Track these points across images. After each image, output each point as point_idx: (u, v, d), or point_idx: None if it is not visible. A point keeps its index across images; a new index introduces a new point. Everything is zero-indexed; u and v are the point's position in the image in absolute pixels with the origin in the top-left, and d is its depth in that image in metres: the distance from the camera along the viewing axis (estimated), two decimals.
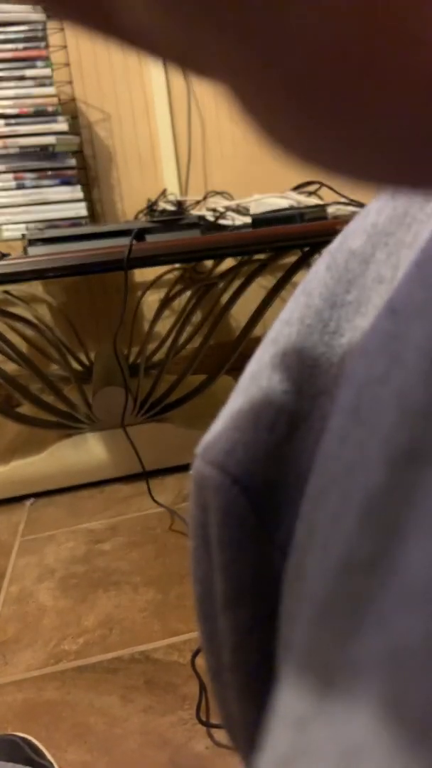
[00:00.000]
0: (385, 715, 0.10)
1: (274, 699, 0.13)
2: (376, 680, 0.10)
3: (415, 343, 0.13)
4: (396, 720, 0.09)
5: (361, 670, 0.10)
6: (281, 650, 0.15)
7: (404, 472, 0.12)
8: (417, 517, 0.11)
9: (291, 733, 0.11)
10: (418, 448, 0.12)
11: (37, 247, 0.83)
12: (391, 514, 0.11)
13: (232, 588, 0.19)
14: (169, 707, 0.63)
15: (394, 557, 0.11)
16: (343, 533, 0.12)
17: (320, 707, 0.11)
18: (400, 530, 0.11)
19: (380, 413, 0.13)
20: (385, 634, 0.10)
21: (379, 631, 0.10)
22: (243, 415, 0.19)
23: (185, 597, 0.80)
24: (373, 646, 0.10)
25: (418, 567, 0.10)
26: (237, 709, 0.21)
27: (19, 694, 0.67)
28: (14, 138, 1.17)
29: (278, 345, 0.20)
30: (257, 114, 0.07)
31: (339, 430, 0.15)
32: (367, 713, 0.10)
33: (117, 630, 0.75)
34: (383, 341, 0.14)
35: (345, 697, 0.10)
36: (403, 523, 0.11)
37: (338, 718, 0.10)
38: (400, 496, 0.11)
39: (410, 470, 0.12)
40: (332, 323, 0.19)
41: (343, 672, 0.11)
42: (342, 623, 0.11)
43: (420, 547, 0.11)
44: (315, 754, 0.11)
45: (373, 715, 0.10)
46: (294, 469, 0.18)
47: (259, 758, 0.12)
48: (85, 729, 0.62)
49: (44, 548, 0.96)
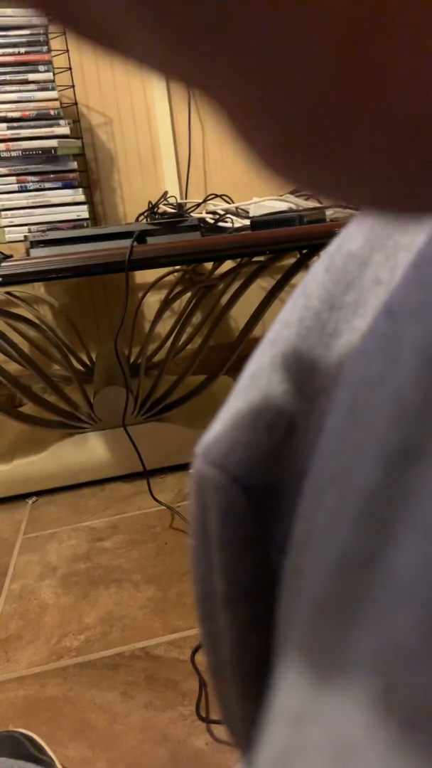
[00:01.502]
0: (378, 711, 0.10)
1: (272, 696, 0.13)
2: (370, 677, 0.10)
3: (412, 344, 0.13)
4: (389, 716, 0.10)
5: (355, 668, 0.11)
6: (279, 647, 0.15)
7: (399, 472, 0.12)
8: (411, 517, 0.11)
9: (288, 729, 0.12)
10: (413, 448, 0.12)
11: (40, 249, 0.84)
12: (386, 514, 0.12)
13: (232, 587, 0.19)
14: (169, 703, 0.64)
15: (389, 557, 0.11)
16: (339, 533, 0.13)
17: (316, 704, 0.11)
18: (394, 530, 0.11)
19: (376, 414, 0.13)
20: (378, 632, 0.11)
21: (373, 629, 0.11)
22: (242, 415, 0.19)
23: (185, 594, 0.80)
24: (367, 644, 0.11)
25: (411, 566, 0.11)
26: (237, 706, 0.21)
27: (20, 691, 0.68)
28: (17, 141, 1.18)
29: (277, 346, 0.20)
30: (249, 141, 0.07)
31: (336, 431, 0.15)
32: (362, 710, 0.10)
33: (118, 627, 0.76)
34: (380, 342, 0.14)
35: (340, 694, 0.11)
36: (397, 523, 0.11)
37: (333, 714, 0.11)
38: (395, 496, 0.12)
39: (405, 470, 0.12)
40: (331, 325, 0.19)
41: (339, 669, 0.11)
42: (338, 621, 0.12)
43: (413, 547, 0.11)
44: (311, 750, 0.11)
45: (367, 712, 0.10)
46: (293, 469, 0.18)
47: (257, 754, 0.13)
48: (86, 725, 0.63)
49: (46, 546, 0.97)
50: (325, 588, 0.12)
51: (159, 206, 1.24)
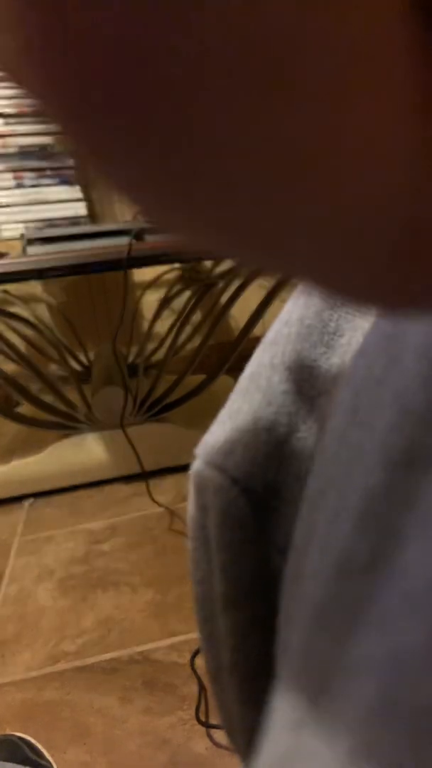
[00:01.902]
0: (382, 717, 0.10)
1: (272, 700, 0.13)
2: (374, 683, 0.10)
3: (414, 344, 0.13)
4: (393, 723, 0.09)
5: (358, 673, 0.10)
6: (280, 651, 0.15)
7: (402, 473, 0.12)
8: (415, 518, 0.11)
9: (288, 735, 0.11)
10: (415, 449, 0.12)
11: (36, 247, 0.83)
12: (389, 515, 0.11)
13: (232, 589, 0.19)
14: (168, 708, 0.63)
15: (393, 559, 0.11)
16: (341, 535, 0.12)
17: (317, 710, 0.11)
18: (397, 532, 0.11)
19: (378, 414, 0.13)
20: (384, 636, 0.10)
21: (379, 634, 0.10)
22: (242, 415, 0.19)
23: (184, 597, 0.80)
24: (372, 649, 0.10)
25: (417, 569, 0.10)
26: (236, 710, 0.21)
27: (18, 695, 0.67)
28: (13, 137, 1.17)
29: (277, 345, 0.20)
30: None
31: (337, 431, 0.15)
32: (365, 716, 0.10)
33: (116, 630, 0.75)
34: (382, 342, 0.14)
35: (342, 700, 0.10)
36: (400, 525, 0.11)
37: (335, 720, 0.10)
38: (398, 498, 0.11)
39: (408, 472, 0.12)
40: (332, 323, 0.19)
41: (341, 674, 0.11)
42: (339, 625, 0.11)
43: (418, 549, 0.10)
44: (311, 756, 0.11)
45: (370, 717, 0.10)
46: (293, 470, 0.18)
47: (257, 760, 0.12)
48: (84, 729, 0.62)
49: (43, 548, 0.96)
50: (327, 590, 0.12)
51: None
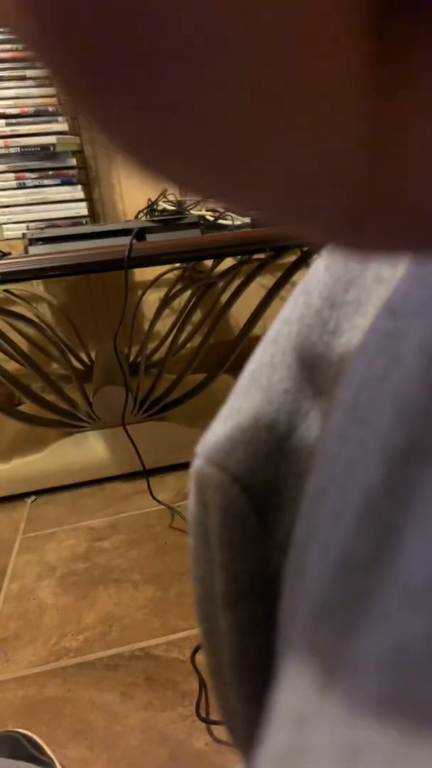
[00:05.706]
0: (385, 713, 0.10)
1: (274, 696, 0.13)
2: (377, 678, 0.10)
3: (414, 342, 0.13)
4: (396, 717, 0.09)
5: (361, 668, 0.10)
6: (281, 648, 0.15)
7: (403, 471, 0.12)
8: (415, 516, 0.11)
9: (290, 730, 0.11)
10: (416, 447, 0.12)
11: (38, 247, 0.83)
12: (390, 513, 0.11)
13: (232, 586, 0.19)
14: (169, 704, 0.64)
15: (393, 556, 0.11)
16: (341, 532, 0.12)
17: (319, 705, 0.11)
18: (398, 529, 0.11)
19: (379, 412, 0.13)
20: (386, 632, 0.10)
21: (380, 630, 0.10)
22: (243, 414, 0.19)
23: (185, 594, 0.80)
24: (374, 645, 0.10)
25: (418, 566, 0.10)
26: (237, 706, 0.21)
27: (19, 691, 0.68)
28: (15, 138, 1.17)
29: (278, 344, 0.20)
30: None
31: (338, 429, 0.15)
32: (367, 711, 0.10)
33: (117, 627, 0.76)
34: (382, 340, 0.14)
35: (344, 695, 0.10)
36: (401, 523, 0.11)
37: (338, 715, 0.10)
38: (399, 496, 0.11)
39: (408, 469, 0.12)
40: (331, 323, 0.19)
41: (343, 670, 0.11)
42: (341, 622, 0.11)
43: (419, 546, 0.11)
44: (314, 752, 0.11)
45: (372, 712, 0.10)
46: (294, 468, 0.18)
47: (259, 755, 0.12)
48: (86, 725, 0.62)
49: (45, 546, 0.96)
50: (328, 587, 0.12)
51: (158, 203, 1.24)
